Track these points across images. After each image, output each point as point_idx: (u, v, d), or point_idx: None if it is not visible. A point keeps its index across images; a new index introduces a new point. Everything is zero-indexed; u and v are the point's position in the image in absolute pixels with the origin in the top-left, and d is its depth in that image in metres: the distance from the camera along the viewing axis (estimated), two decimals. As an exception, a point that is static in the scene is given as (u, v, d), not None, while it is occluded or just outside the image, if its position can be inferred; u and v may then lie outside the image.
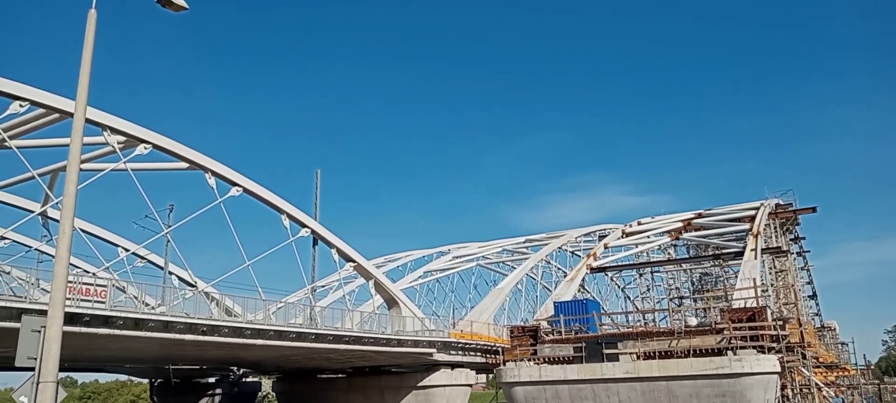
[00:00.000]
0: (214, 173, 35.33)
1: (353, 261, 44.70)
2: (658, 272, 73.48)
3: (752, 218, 61.33)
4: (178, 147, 34.02)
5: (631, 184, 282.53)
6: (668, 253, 72.56)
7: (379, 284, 46.70)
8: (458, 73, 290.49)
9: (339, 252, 43.57)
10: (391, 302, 48.29)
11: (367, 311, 45.69)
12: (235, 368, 56.22)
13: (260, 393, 63.99)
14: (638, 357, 37.77)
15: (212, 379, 58.62)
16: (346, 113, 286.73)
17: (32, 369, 11.66)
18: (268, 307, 36.30)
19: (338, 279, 47.15)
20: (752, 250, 51.92)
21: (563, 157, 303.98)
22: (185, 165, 34.97)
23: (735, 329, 36.11)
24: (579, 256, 67.96)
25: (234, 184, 36.37)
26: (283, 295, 47.29)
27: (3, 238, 39.49)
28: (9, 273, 31.63)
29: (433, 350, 44.83)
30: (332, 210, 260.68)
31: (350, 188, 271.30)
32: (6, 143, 29.07)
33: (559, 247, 69.76)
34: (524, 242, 75.07)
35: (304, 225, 40.92)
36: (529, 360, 43.20)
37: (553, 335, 43.99)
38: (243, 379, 58.89)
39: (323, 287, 52.14)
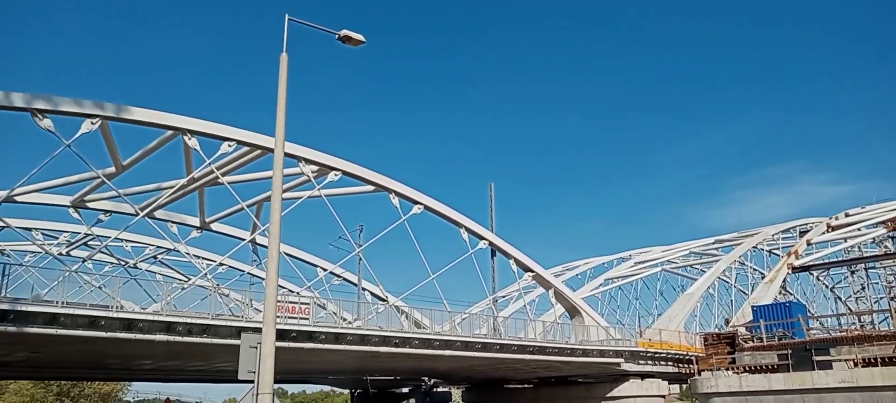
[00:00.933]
0: (397, 193, 37.21)
1: (532, 271, 44.72)
2: (873, 268, 65.29)
3: None
4: (365, 172, 36.30)
5: (833, 172, 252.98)
6: (885, 247, 64.12)
7: (559, 293, 46.25)
8: (629, 75, 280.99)
9: (517, 262, 43.81)
10: (573, 312, 47.59)
11: (549, 321, 45.39)
12: (427, 378, 58.47)
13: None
14: (855, 365, 33.78)
15: (405, 390, 61.49)
16: (517, 126, 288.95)
17: (252, 381, 13.00)
18: (453, 318, 37.42)
19: (517, 289, 47.42)
20: None
21: (751, 149, 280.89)
22: (372, 188, 37.22)
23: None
24: (778, 255, 62.31)
25: (416, 203, 38.04)
26: (467, 306, 48.50)
27: (221, 264, 44.56)
28: (227, 295, 35.69)
29: (620, 360, 43.42)
30: (508, 221, 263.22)
31: (524, 199, 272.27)
32: (219, 180, 32.90)
33: (754, 247, 64.44)
34: (713, 243, 70.35)
35: (481, 238, 41.72)
36: (727, 369, 40.37)
37: (753, 342, 40.82)
38: (434, 390, 61.07)
39: (503, 297, 52.71)
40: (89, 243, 40.74)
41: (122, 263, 43.92)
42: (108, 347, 26.65)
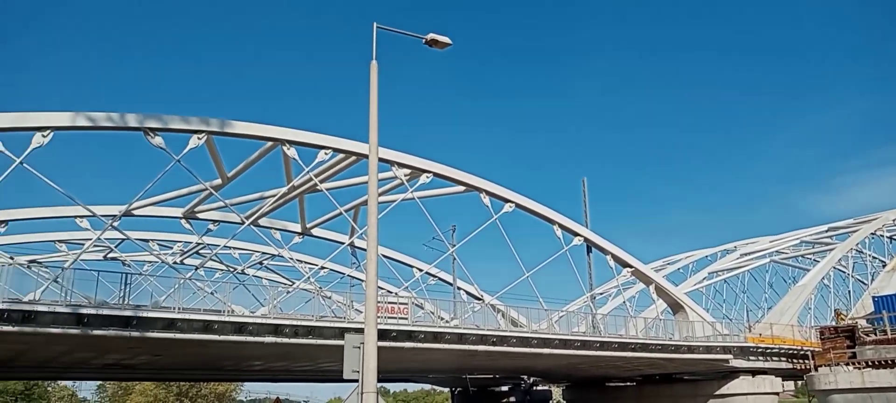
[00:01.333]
0: (488, 193, 37.19)
1: (630, 266, 43.50)
2: None
3: None
4: (456, 172, 36.52)
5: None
6: None
7: (660, 288, 44.76)
8: (733, 59, 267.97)
9: (615, 257, 42.74)
10: (676, 307, 45.95)
11: (651, 317, 44.02)
12: (526, 377, 58.13)
13: (550, 401, 65.26)
14: None
15: (505, 388, 61.36)
16: (611, 113, 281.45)
17: (356, 380, 13.33)
18: (550, 316, 36.98)
19: (616, 285, 46.29)
20: None
21: (864, 129, 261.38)
22: (463, 188, 37.39)
23: None
24: (901, 241, 57.72)
25: (507, 201, 37.86)
26: (563, 303, 47.84)
27: (323, 267, 46.06)
28: (329, 297, 36.84)
29: (729, 356, 41.52)
30: (603, 215, 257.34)
31: (619, 191, 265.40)
32: (318, 187, 34.05)
33: (872, 233, 59.98)
34: (826, 231, 65.99)
35: (576, 234, 40.99)
36: (847, 364, 37.85)
37: (875, 334, 38.07)
38: (534, 388, 60.61)
39: (601, 294, 51.64)
40: (200, 251, 43.17)
41: (231, 269, 46.28)
42: (221, 349, 28.13)
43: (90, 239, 34.02)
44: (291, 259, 40.13)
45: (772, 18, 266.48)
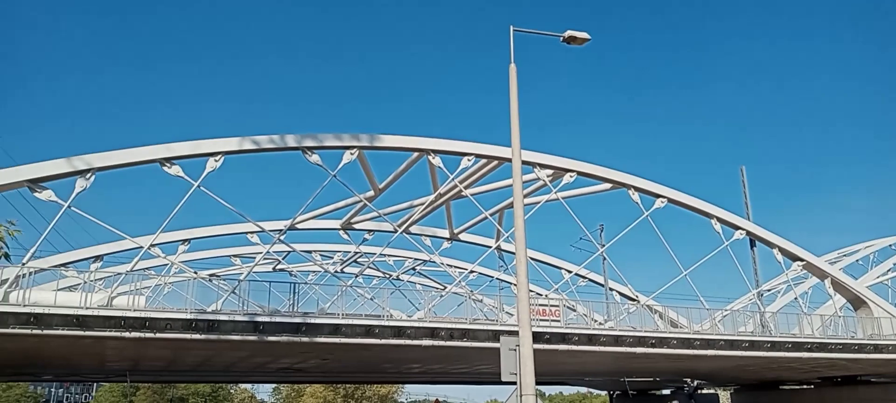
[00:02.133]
0: (637, 188, 35.87)
1: (801, 260, 39.98)
2: None
3: None
4: (600, 170, 35.61)
5: None
6: None
7: (837, 283, 40.75)
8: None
9: (783, 251, 39.51)
10: (857, 303, 41.63)
11: (828, 314, 40.20)
12: (689, 380, 55.38)
13: (717, 406, 61.60)
14: None
15: (666, 391, 58.83)
16: (769, 95, 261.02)
17: (514, 383, 13.40)
18: (713, 315, 34.97)
19: (785, 281, 42.74)
20: None
21: None
22: (609, 186, 36.37)
23: None
24: None
25: (658, 196, 36.29)
26: (726, 302, 44.99)
27: (472, 271, 46.78)
28: (481, 301, 37.33)
29: (926, 356, 36.99)
30: (764, 206, 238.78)
31: (781, 180, 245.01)
32: (463, 193, 34.68)
33: None
34: None
35: (737, 228, 38.39)
36: None
37: None
38: (698, 391, 57.58)
39: (769, 291, 47.91)
40: (358, 260, 45.46)
41: (387, 276, 48.32)
42: (382, 352, 29.48)
43: (260, 253, 36.97)
44: (442, 264, 41.14)
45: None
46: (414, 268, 49.91)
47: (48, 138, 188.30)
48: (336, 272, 45.02)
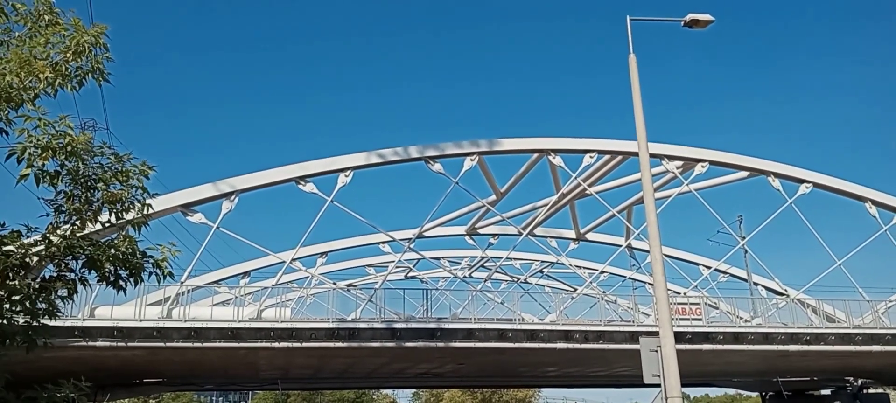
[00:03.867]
0: (777, 174, 33.44)
1: (982, 241, 35.50)
2: None
3: None
4: (735, 157, 33.59)
5: None
6: None
7: None
8: None
9: (957, 232, 35.28)
10: None
11: None
12: (852, 378, 50.78)
13: (888, 407, 55.96)
14: None
15: (826, 392, 54.28)
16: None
17: (657, 385, 12.87)
18: (875, 307, 31.86)
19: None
20: None
21: None
22: (745, 174, 34.23)
23: None
24: None
25: (803, 181, 33.62)
26: (889, 293, 40.82)
27: (602, 272, 45.61)
28: (614, 301, 36.30)
29: None
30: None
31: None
32: (587, 191, 33.92)
33: None
34: None
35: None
36: None
37: None
38: (864, 391, 52.64)
39: (942, 277, 43.00)
40: (486, 264, 45.71)
41: (515, 279, 48.21)
42: (516, 356, 29.41)
43: (393, 261, 38.10)
44: (570, 265, 40.44)
45: None
46: (541, 271, 49.43)
47: (194, 164, 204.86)
48: (465, 277, 45.53)
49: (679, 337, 26.47)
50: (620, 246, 42.96)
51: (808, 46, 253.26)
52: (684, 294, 32.66)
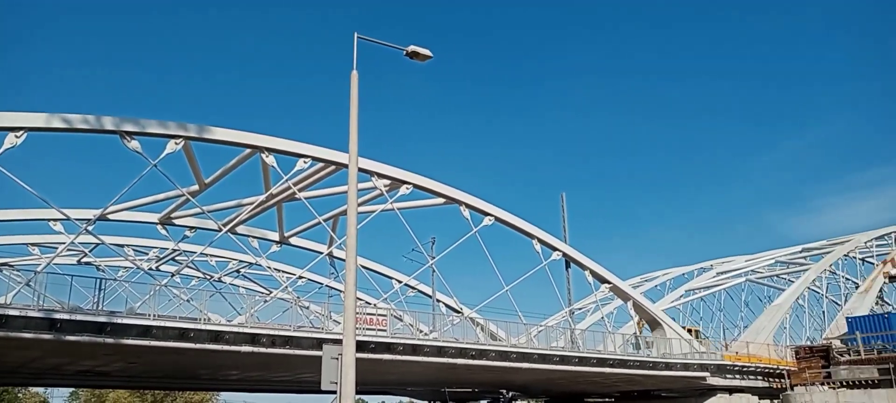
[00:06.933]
0: (468, 205, 37.19)
1: (608, 282, 43.69)
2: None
3: None
4: (435, 184, 36.49)
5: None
6: None
7: (638, 305, 45.00)
8: (713, 82, 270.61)
9: (593, 273, 42.91)
10: (653, 324, 46.20)
11: (629, 333, 44.19)
12: (505, 391, 58.02)
13: (527, 416, 65.16)
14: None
15: (484, 402, 61.17)
16: (591, 131, 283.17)
17: (334, 392, 13.16)
18: (529, 330, 36.97)
19: (594, 301, 46.41)
20: None
21: (840, 155, 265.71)
22: (442, 201, 37.35)
23: None
24: (872, 263, 58.87)
25: (487, 214, 37.89)
26: (542, 318, 47.84)
27: (301, 277, 45.65)
28: (307, 307, 36.46)
29: (706, 374, 41.78)
30: (582, 231, 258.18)
31: (598, 207, 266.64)
32: (296, 195, 33.80)
33: (845, 255, 60.97)
34: (801, 252, 66.87)
35: (555, 249, 41.09)
36: (822, 384, 38.26)
37: (849, 355, 38.55)
38: (513, 402, 60.50)
39: (580, 309, 51.74)
40: (177, 258, 42.59)
41: (208, 277, 45.71)
42: (197, 357, 27.70)
43: (64, 243, 33.33)
44: (269, 267, 39.72)
45: (749, 46, 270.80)
46: (238, 271, 47.74)
47: None
48: (150, 269, 41.82)
49: (363, 346, 27.67)
50: (322, 253, 43.51)
51: (510, 100, 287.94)
52: (375, 305, 34.18)
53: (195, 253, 40.66)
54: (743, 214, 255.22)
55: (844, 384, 36.69)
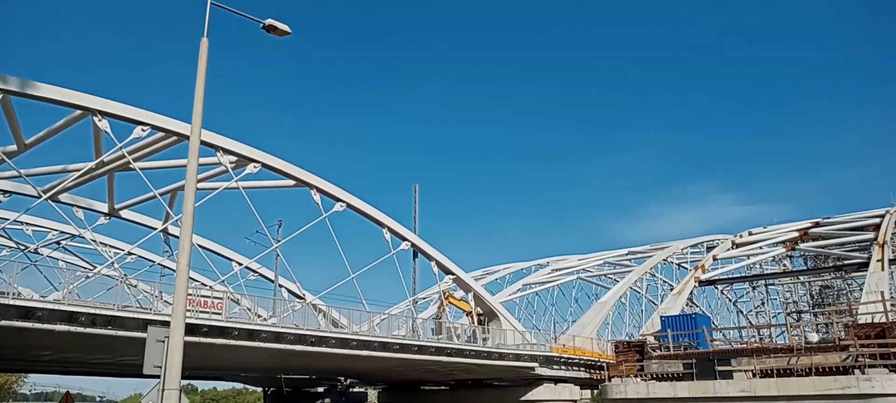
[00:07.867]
0: (319, 189, 36.60)
1: (453, 274, 44.98)
2: (773, 285, 69.50)
3: (877, 227, 56.77)
4: (285, 165, 35.52)
5: (740, 193, 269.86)
6: (784, 265, 68.39)
7: (478, 296, 46.72)
8: (556, 93, 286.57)
9: (439, 264, 43.98)
10: (491, 316, 48.19)
11: (468, 324, 45.75)
12: (343, 378, 57.83)
13: (365, 403, 65.52)
14: (754, 375, 35.80)
15: (321, 389, 60.61)
16: (448, 134, 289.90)
17: (158, 377, 12.43)
18: (372, 318, 37.12)
19: (438, 291, 47.58)
20: (878, 260, 48.06)
21: (667, 168, 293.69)
22: (292, 182, 36.46)
23: (862, 345, 33.51)
24: (686, 269, 65.26)
25: (338, 200, 37.53)
26: (386, 307, 48.25)
27: (130, 253, 42.60)
28: (135, 286, 34.10)
29: (535, 365, 44.25)
30: (432, 224, 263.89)
31: (449, 203, 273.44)
32: (131, 165, 31.45)
33: (664, 259, 67.23)
34: (626, 254, 72.90)
35: (404, 239, 41.61)
36: (636, 376, 41.85)
37: (661, 350, 42.45)
38: (350, 390, 60.50)
39: (424, 299, 52.80)
40: (-16, 225, 38.06)
41: (22, 247, 41.25)
42: (2, 336, 24.93)
43: None
44: (94, 241, 36.60)
45: (591, 59, 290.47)
46: (58, 243, 43.61)
47: None
48: (-50, 235, 37.06)
49: (195, 330, 26.36)
50: (156, 229, 40.85)
51: (376, 81, 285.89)
52: (210, 287, 32.67)
53: (8, 220, 36.55)
54: (582, 218, 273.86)
55: (654, 376, 40.38)
